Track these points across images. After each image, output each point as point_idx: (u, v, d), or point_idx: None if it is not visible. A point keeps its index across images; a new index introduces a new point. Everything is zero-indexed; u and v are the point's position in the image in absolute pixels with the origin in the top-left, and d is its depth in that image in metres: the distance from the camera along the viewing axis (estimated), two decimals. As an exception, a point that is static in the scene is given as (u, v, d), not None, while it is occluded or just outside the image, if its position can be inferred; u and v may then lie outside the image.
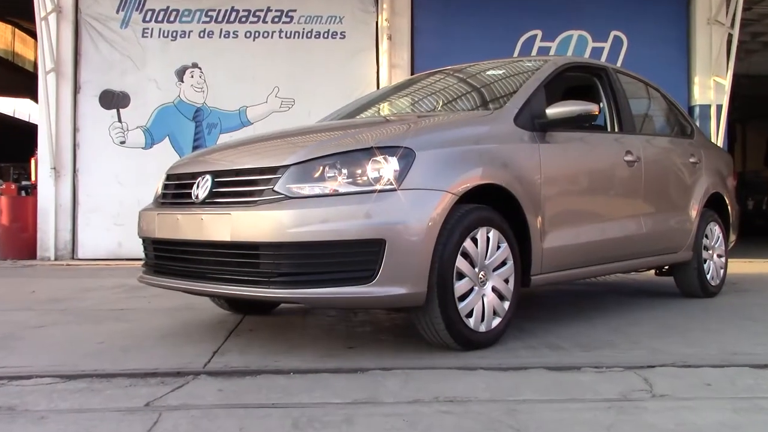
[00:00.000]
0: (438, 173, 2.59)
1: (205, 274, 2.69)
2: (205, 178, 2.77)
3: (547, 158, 3.09)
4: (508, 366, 2.47)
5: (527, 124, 3.10)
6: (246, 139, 3.35)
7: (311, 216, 2.42)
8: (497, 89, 3.59)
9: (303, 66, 7.42)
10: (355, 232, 2.39)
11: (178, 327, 3.29)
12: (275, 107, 7.41)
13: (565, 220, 3.20)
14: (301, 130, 3.38)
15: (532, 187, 2.98)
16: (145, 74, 7.34)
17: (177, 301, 4.06)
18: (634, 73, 4.30)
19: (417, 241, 2.45)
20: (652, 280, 5.16)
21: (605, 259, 3.52)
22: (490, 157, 2.85)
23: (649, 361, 2.56)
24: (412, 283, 2.46)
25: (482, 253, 2.71)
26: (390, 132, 2.82)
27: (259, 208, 2.49)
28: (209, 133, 7.36)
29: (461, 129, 2.94)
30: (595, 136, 3.62)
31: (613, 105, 3.82)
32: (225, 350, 2.75)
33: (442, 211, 2.53)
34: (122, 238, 7.08)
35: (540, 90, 3.27)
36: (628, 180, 3.65)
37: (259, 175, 2.60)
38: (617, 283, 5.24)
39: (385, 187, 2.46)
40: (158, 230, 2.91)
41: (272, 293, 2.45)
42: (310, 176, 2.51)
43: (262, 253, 2.47)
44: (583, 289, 4.85)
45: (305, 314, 3.65)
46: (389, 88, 4.59)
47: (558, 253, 3.11)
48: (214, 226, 2.60)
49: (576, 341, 2.92)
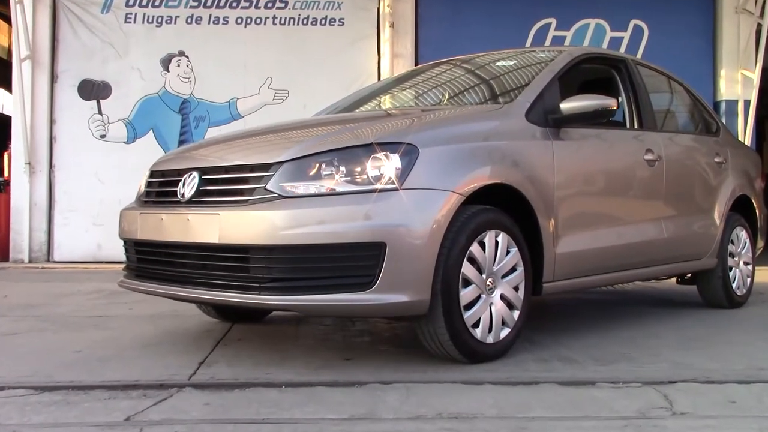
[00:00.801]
0: (443, 172, 2.60)
1: (191, 279, 2.69)
2: (191, 175, 2.77)
3: (561, 156, 3.09)
4: (517, 380, 2.47)
5: (540, 120, 3.10)
6: (236, 134, 3.36)
7: (306, 217, 2.42)
8: (508, 82, 3.59)
9: (298, 55, 7.43)
10: (354, 234, 2.40)
11: (161, 336, 3.29)
12: (268, 99, 7.42)
13: (580, 224, 3.21)
14: (295, 124, 3.38)
15: (545, 187, 2.98)
16: (128, 63, 7.35)
17: (160, 307, 4.06)
18: (655, 66, 4.31)
19: (420, 244, 2.45)
20: (673, 288, 5.16)
21: (623, 266, 3.52)
22: (500, 154, 2.86)
23: (670, 376, 2.56)
24: (415, 290, 2.46)
25: (490, 259, 2.72)
26: (392, 127, 2.83)
27: (250, 208, 2.50)
28: (196, 127, 7.37)
29: (468, 124, 2.94)
30: (613, 133, 3.62)
31: (633, 100, 3.82)
32: (212, 361, 2.75)
33: (448, 213, 2.54)
34: (102, 239, 7.09)
35: (554, 83, 3.27)
36: (648, 180, 3.65)
37: (250, 173, 2.61)
38: (636, 291, 5.24)
39: (386, 186, 2.47)
40: (141, 231, 2.91)
41: (263, 300, 2.45)
42: (305, 174, 2.52)
43: (253, 257, 2.48)
44: (598, 298, 4.86)
45: (299, 323, 3.66)
46: (391, 79, 4.59)
47: (572, 258, 3.12)
48: (201, 227, 2.61)
49: (591, 354, 2.92)
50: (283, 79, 7.43)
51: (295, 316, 3.80)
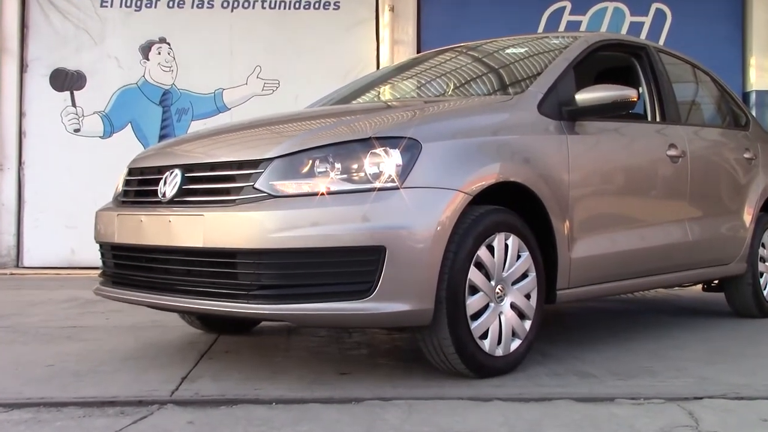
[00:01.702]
0: (448, 169, 2.60)
1: (173, 286, 2.69)
2: (173, 173, 2.78)
3: (576, 152, 3.10)
4: (529, 396, 2.47)
5: (554, 112, 3.11)
6: (222, 128, 3.36)
7: (298, 218, 2.42)
8: (518, 71, 3.60)
9: (289, 42, 7.43)
10: (350, 237, 2.40)
11: (140, 348, 3.29)
12: (257, 90, 7.43)
13: (598, 226, 3.21)
14: (287, 117, 3.38)
15: (559, 185, 2.99)
16: (104, 50, 7.35)
17: (140, 317, 4.06)
18: (679, 53, 4.31)
19: (423, 248, 2.45)
20: (699, 296, 5.17)
21: (644, 272, 3.53)
22: (510, 150, 2.86)
23: (695, 391, 2.56)
24: (417, 299, 2.46)
25: (500, 264, 2.72)
26: (392, 120, 2.83)
27: (237, 208, 2.50)
28: (179, 120, 7.37)
29: (476, 117, 2.94)
30: (634, 127, 3.63)
31: (655, 90, 3.83)
32: (196, 375, 2.75)
33: (453, 214, 2.54)
34: (76, 243, 7.08)
35: (569, 72, 3.28)
36: (671, 178, 3.66)
37: (238, 170, 2.61)
38: (658, 299, 5.24)
39: (386, 184, 2.47)
40: (118, 234, 2.91)
41: (252, 309, 2.45)
42: (297, 171, 2.52)
43: (241, 262, 2.48)
44: (617, 307, 4.86)
45: (290, 334, 3.66)
46: (391, 68, 4.60)
47: (589, 263, 3.12)
48: (185, 229, 2.61)
49: (609, 368, 2.93)
50: (273, 68, 7.43)
51: (287, 326, 3.80)
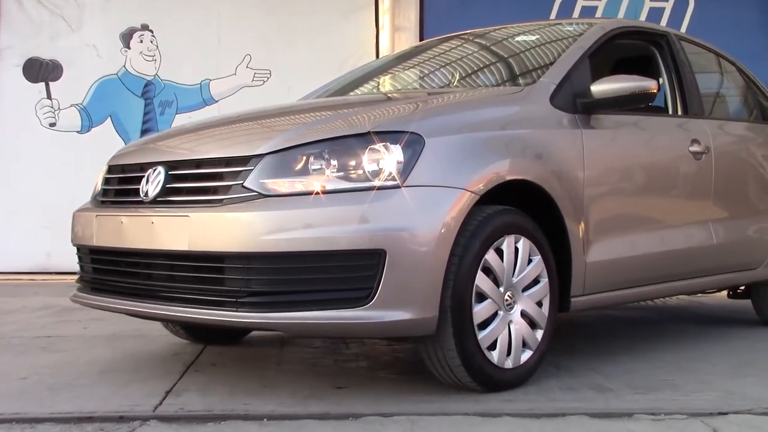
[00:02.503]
0: (453, 166, 2.60)
1: (156, 293, 2.70)
2: (156, 170, 2.78)
3: (592, 148, 3.10)
4: (541, 412, 2.47)
5: (567, 105, 3.11)
6: (209, 122, 3.36)
7: (291, 219, 2.43)
8: (529, 60, 3.60)
9: (282, 29, 7.43)
10: (347, 240, 2.40)
11: (121, 359, 3.29)
12: (246, 81, 7.43)
13: (615, 227, 3.21)
14: (278, 110, 3.39)
15: (574, 184, 2.99)
16: (82, 38, 7.35)
17: (120, 326, 4.06)
18: (702, 41, 4.31)
19: (426, 252, 2.45)
20: (724, 303, 5.16)
21: (665, 277, 3.53)
22: (520, 145, 2.86)
23: (720, 406, 2.56)
24: (420, 306, 2.46)
25: (509, 269, 2.72)
26: (392, 113, 2.83)
27: (225, 209, 2.50)
28: (162, 113, 7.37)
29: (483, 110, 2.95)
30: (654, 121, 3.63)
31: (676, 81, 3.83)
32: (181, 389, 2.75)
33: (459, 215, 2.54)
34: (51, 246, 7.08)
35: (584, 61, 3.28)
36: (694, 176, 3.66)
37: (226, 168, 2.61)
38: (680, 307, 5.24)
39: (386, 183, 2.47)
40: (97, 236, 2.91)
41: (241, 317, 2.45)
42: (290, 169, 2.52)
43: (229, 267, 2.48)
44: (636, 316, 4.86)
45: (282, 345, 3.66)
46: (392, 57, 4.60)
47: (605, 268, 3.12)
48: (168, 231, 2.61)
49: (627, 381, 2.93)
50: (264, 57, 7.43)
51: (279, 336, 3.80)
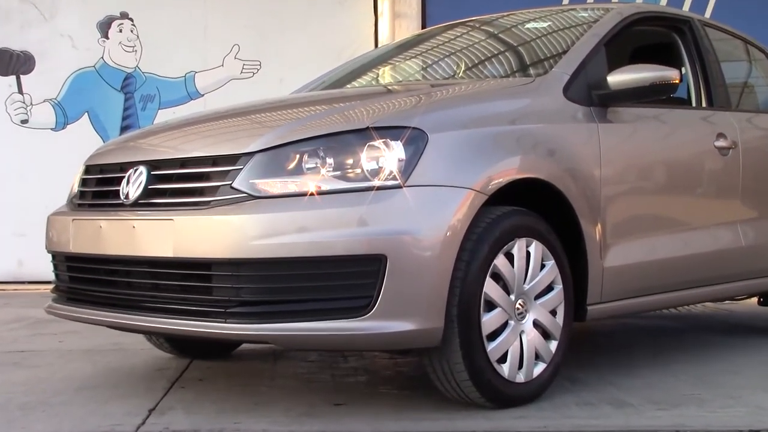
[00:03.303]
0: (459, 164, 2.60)
1: (138, 303, 2.70)
2: (138, 170, 2.78)
3: (609, 143, 3.10)
4: (555, 430, 2.47)
5: (582, 97, 3.12)
6: (194, 117, 3.36)
7: (284, 223, 2.43)
8: (540, 49, 3.60)
9: (273, 17, 7.43)
10: (345, 245, 2.40)
11: (100, 375, 3.29)
12: (234, 73, 7.43)
13: (635, 229, 3.21)
14: (270, 104, 3.39)
15: (590, 182, 2.99)
16: (56, 28, 7.35)
17: (99, 339, 4.06)
18: (728, 27, 4.31)
19: (430, 257, 2.45)
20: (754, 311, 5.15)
21: (689, 283, 3.52)
22: (532, 141, 2.87)
23: (750, 423, 2.56)
24: (423, 316, 2.46)
25: (520, 275, 2.72)
26: (393, 107, 2.83)
27: (213, 211, 2.50)
28: (144, 109, 7.37)
29: (491, 103, 2.95)
30: (676, 114, 3.63)
31: (700, 71, 3.83)
32: (166, 407, 2.75)
33: (465, 217, 2.54)
34: (24, 253, 7.08)
35: (599, 50, 3.28)
36: (720, 173, 3.66)
37: (213, 167, 2.61)
38: (705, 316, 5.23)
39: (386, 182, 2.47)
40: (74, 242, 2.91)
41: (230, 329, 2.45)
42: (283, 168, 2.52)
43: (217, 274, 2.48)
44: (658, 325, 4.85)
45: (276, 359, 3.66)
46: (392, 46, 4.60)
47: (624, 274, 3.12)
48: (151, 236, 2.61)
49: (648, 396, 2.93)
50: (254, 47, 7.43)
51: (271, 349, 3.80)
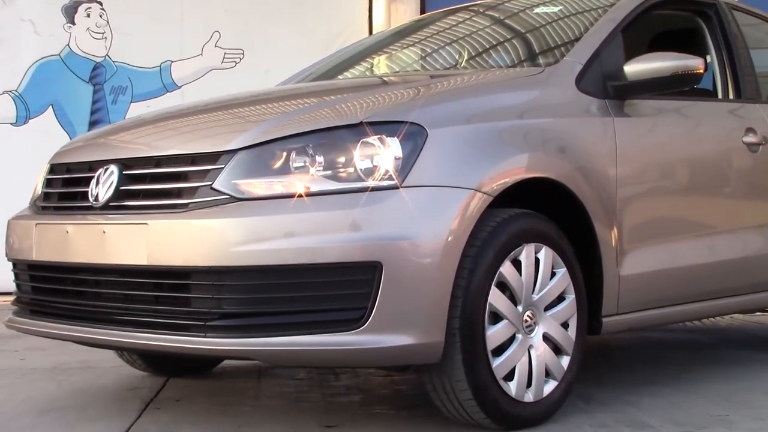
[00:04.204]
0: (461, 162, 2.61)
1: (108, 316, 2.69)
2: (108, 170, 2.78)
3: (626, 139, 3.11)
4: (567, 454, 2.48)
5: (596, 89, 3.12)
6: (171, 112, 3.36)
7: (269, 227, 2.43)
8: (551, 35, 3.61)
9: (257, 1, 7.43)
10: (336, 251, 2.40)
11: (66, 396, 3.28)
12: (215, 63, 7.42)
13: (654, 234, 3.22)
14: (254, 97, 3.39)
15: (604, 183, 3.00)
16: (16, 12, 7.33)
17: (65, 356, 4.05)
18: (758, 11, 4.31)
19: (430, 264, 2.46)
20: (786, 323, 5.17)
21: (715, 293, 3.52)
22: (541, 137, 2.87)
23: (782, 446, 2.58)
24: (423, 329, 2.46)
25: (528, 284, 2.72)
26: (389, 100, 2.84)
27: (191, 215, 2.50)
28: (115, 102, 7.36)
29: (497, 95, 2.96)
30: (700, 107, 3.64)
31: (727, 59, 3.83)
32: (140, 430, 2.74)
33: (468, 220, 2.54)
34: (-19, 261, 7.07)
35: (616, 36, 3.28)
36: (749, 172, 3.66)
37: (191, 166, 2.61)
38: (734, 328, 5.23)
39: (382, 183, 2.48)
40: (37, 249, 2.91)
41: (210, 344, 2.45)
42: (268, 167, 2.53)
43: (196, 284, 2.48)
44: (680, 338, 4.86)
45: (260, 376, 3.66)
46: (388, 34, 4.60)
47: (643, 283, 3.13)
48: (123, 242, 2.61)
49: (670, 416, 2.93)
50: (237, 34, 7.42)
51: (255, 366, 3.79)
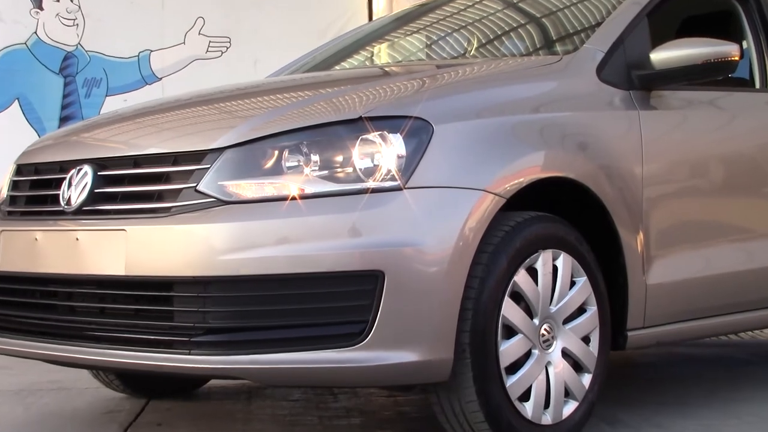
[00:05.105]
0: (471, 160, 2.62)
1: (82, 333, 2.69)
2: (82, 170, 2.77)
3: (653, 134, 3.11)
4: (590, 482, 2.49)
5: (620, 79, 3.12)
6: (151, 106, 3.36)
7: (260, 233, 2.43)
8: (569, 20, 3.61)
9: (245, -18, 7.45)
10: (333, 260, 2.41)
11: (36, 421, 3.29)
12: (199, 52, 7.42)
13: (685, 239, 3.22)
14: (242, 90, 3.39)
15: (629, 182, 3.00)
16: (-21, -3, 7.36)
17: (33, 376, 4.05)
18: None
19: (437, 273, 2.46)
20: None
21: (753, 304, 3.51)
22: (559, 133, 2.88)
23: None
24: (429, 345, 2.46)
25: (546, 294, 2.72)
26: (391, 92, 2.85)
27: (174, 220, 2.51)
28: (88, 95, 7.36)
29: (510, 87, 2.96)
30: (736, 98, 3.64)
31: (766, 45, 3.83)
32: (116, 459, 2.76)
33: (479, 224, 2.54)
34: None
35: (641, 22, 3.28)
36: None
37: (173, 166, 2.61)
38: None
39: (383, 184, 2.48)
40: (2, 259, 2.90)
41: (195, 362, 2.45)
42: (258, 167, 2.53)
43: (179, 296, 2.48)
44: (714, 354, 4.85)
45: (251, 397, 3.66)
46: (389, 19, 4.60)
47: (672, 292, 3.13)
48: (99, 250, 2.61)
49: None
50: (223, 20, 7.42)
51: (244, 386, 3.80)
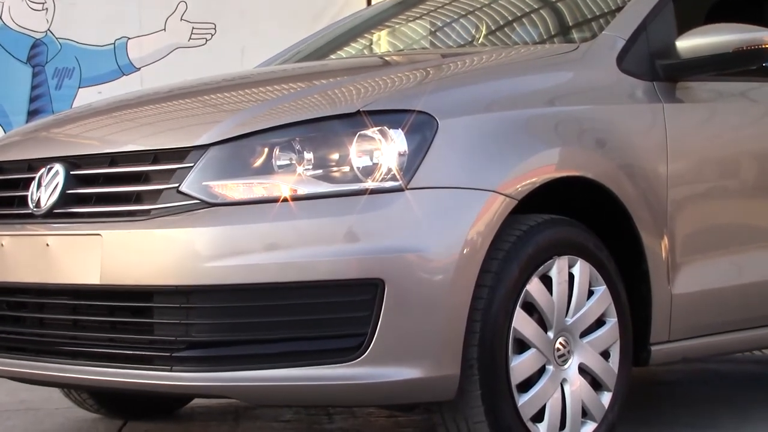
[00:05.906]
0: (479, 158, 2.62)
1: (53, 347, 2.69)
2: (52, 170, 2.77)
3: (679, 130, 3.11)
4: None
5: (642, 69, 3.13)
6: (128, 99, 3.37)
7: (248, 238, 2.44)
8: (587, 4, 3.61)
9: (231, -36, 7.46)
10: (329, 267, 2.41)
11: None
12: (180, 39, 7.43)
13: (714, 245, 3.23)
14: (229, 81, 3.40)
15: (653, 183, 3.00)
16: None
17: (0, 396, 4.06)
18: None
19: (442, 282, 2.46)
20: None
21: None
22: (576, 128, 2.88)
23: None
24: (433, 360, 2.47)
25: (561, 305, 2.73)
26: (391, 84, 2.85)
27: (154, 224, 2.51)
28: (59, 87, 7.37)
29: (522, 78, 2.96)
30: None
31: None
32: (90, 486, 2.76)
33: (488, 228, 2.55)
34: None
35: (665, 6, 3.29)
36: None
37: (153, 165, 2.61)
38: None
39: (383, 184, 2.48)
40: (-34, 266, 2.92)
41: (177, 379, 2.45)
42: (246, 166, 2.53)
43: (159, 307, 2.48)
44: (744, 371, 4.85)
45: (238, 418, 3.66)
46: (389, 4, 4.61)
47: (699, 303, 3.13)
48: (72, 258, 2.62)
49: (735, 465, 2.94)
50: (207, 5, 7.43)
51: (231, 406, 3.80)
